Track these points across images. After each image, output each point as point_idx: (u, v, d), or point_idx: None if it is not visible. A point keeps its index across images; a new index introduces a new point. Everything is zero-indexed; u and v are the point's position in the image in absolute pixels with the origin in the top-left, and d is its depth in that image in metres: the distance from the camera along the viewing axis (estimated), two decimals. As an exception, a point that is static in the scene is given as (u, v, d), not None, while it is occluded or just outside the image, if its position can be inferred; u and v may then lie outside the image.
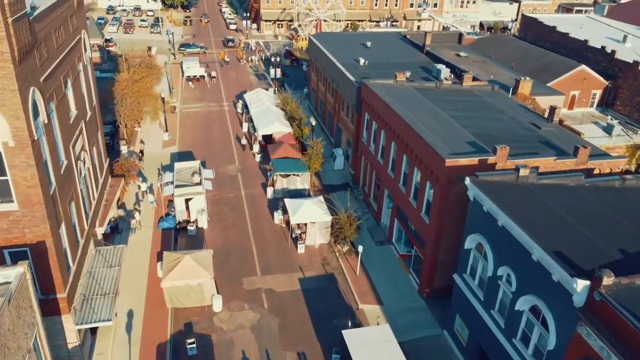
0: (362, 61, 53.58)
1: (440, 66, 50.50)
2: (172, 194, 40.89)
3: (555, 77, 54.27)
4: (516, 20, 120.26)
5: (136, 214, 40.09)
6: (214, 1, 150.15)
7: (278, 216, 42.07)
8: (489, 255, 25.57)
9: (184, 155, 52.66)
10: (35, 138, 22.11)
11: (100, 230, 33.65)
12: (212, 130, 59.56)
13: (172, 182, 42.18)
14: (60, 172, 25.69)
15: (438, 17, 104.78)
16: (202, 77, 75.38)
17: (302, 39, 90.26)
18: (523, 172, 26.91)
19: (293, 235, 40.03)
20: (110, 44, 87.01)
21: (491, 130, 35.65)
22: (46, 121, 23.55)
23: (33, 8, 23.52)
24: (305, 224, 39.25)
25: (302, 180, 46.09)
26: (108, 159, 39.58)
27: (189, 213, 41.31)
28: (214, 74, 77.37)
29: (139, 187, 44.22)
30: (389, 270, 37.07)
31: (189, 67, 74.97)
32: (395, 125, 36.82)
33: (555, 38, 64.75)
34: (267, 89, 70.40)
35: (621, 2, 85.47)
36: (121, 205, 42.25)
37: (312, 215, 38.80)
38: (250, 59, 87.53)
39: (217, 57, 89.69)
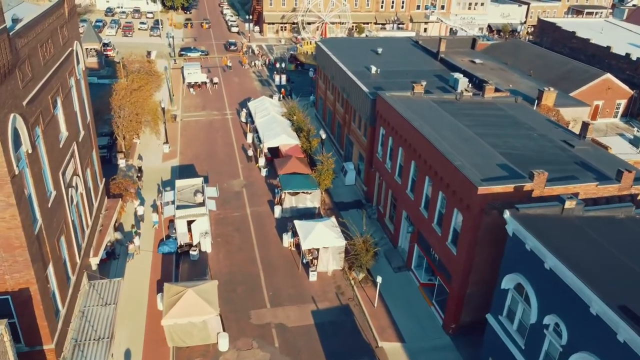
0: (373, 69, 50.61)
1: (457, 75, 47.55)
2: (173, 215, 37.93)
3: (578, 87, 51.33)
4: (525, 22, 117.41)
5: (135, 239, 37.10)
6: (214, 2, 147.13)
7: (287, 239, 39.09)
8: (532, 299, 22.59)
9: (186, 170, 49.70)
10: (17, 172, 19.14)
11: (94, 261, 30.69)
12: (215, 141, 56.56)
13: (173, 202, 39.21)
14: (48, 205, 22.71)
15: (446, 19, 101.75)
16: (204, 83, 72.35)
17: (307, 42, 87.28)
18: (569, 203, 23.92)
19: (304, 261, 37.06)
20: (108, 48, 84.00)
21: (521, 150, 32.68)
22: (30, 151, 20.56)
23: (15, 21, 20.55)
24: (317, 249, 36.28)
25: (312, 199, 43.12)
26: (104, 179, 36.53)
27: (191, 236, 38.34)
28: (215, 79, 74.33)
29: (136, 210, 40.87)
30: (409, 301, 34.09)
31: (190, 73, 71.96)
32: (416, 144, 33.83)
33: (575, 44, 61.80)
34: (271, 96, 67.51)
35: None
36: (118, 227, 39.26)
37: (324, 240, 35.82)
38: (253, 64, 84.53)
39: (219, 61, 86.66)
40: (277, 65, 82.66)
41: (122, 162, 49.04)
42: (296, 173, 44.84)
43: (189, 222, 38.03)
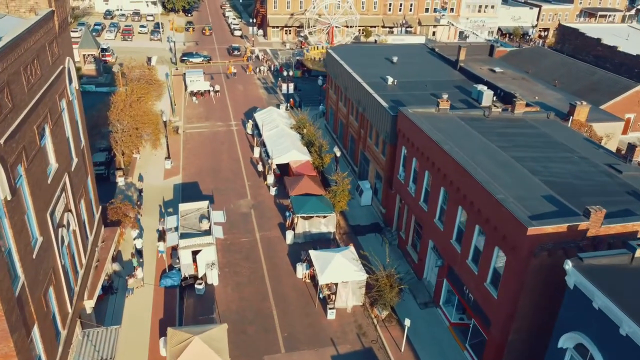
0: (390, 80, 47.27)
1: (481, 87, 44.22)
2: (177, 244, 34.58)
3: (609, 99, 48.01)
4: (536, 26, 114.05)
5: (138, 272, 33.70)
6: (216, 4, 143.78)
7: (301, 270, 35.72)
8: (601, 366, 19.26)
9: (189, 188, 46.33)
10: (-9, 227, 15.78)
11: (89, 304, 27.30)
12: (220, 155, 53.17)
13: (176, 229, 35.86)
14: (33, 256, 19.35)
15: (457, 23, 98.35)
16: (207, 91, 68.94)
17: (314, 47, 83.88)
18: (640, 252, 20.59)
19: (320, 296, 33.69)
20: (107, 53, 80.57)
21: (564, 177, 29.33)
22: (9, 197, 17.20)
23: (-9, 42, 17.19)
24: (336, 284, 32.93)
25: (326, 223, 39.78)
26: (100, 207, 33.14)
27: (196, 267, 34.97)
28: (218, 87, 70.86)
29: (135, 246, 37.15)
30: (438, 343, 30.73)
31: (192, 81, 68.54)
32: (446, 169, 30.47)
33: (601, 51, 58.47)
34: (278, 105, 64.18)
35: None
36: (117, 256, 35.91)
37: (343, 274, 32.48)
38: (258, 70, 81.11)
39: (222, 67, 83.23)
40: (284, 72, 79.29)
41: (120, 180, 45.73)
42: (309, 194, 41.49)
43: (194, 252, 34.68)
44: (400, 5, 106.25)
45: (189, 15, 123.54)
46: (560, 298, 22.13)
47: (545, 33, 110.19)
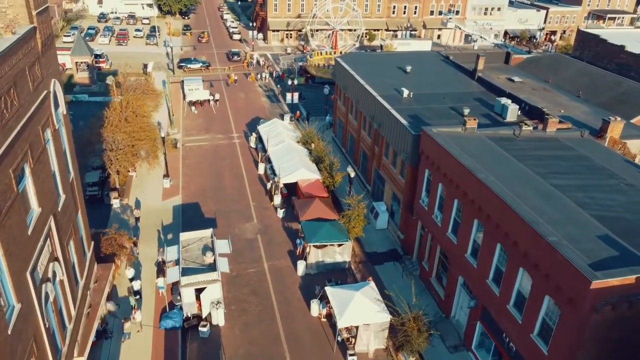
0: (405, 92, 43.94)
1: (504, 101, 40.95)
2: (178, 281, 31.13)
3: (639, 112, 44.79)
4: (543, 29, 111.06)
5: (137, 314, 30.24)
6: (214, 6, 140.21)
7: (316, 307, 32.33)
8: None
9: (190, 210, 42.90)
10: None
11: (79, 361, 23.83)
12: (222, 172, 49.71)
13: (177, 261, 32.41)
14: (8, 331, 15.89)
15: (464, 27, 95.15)
16: (207, 100, 65.40)
17: (317, 53, 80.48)
18: None
19: (339, 339, 30.32)
20: (101, 60, 76.96)
21: (616, 210, 26.07)
22: (-25, 269, 13.74)
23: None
24: (356, 327, 29.59)
25: (341, 251, 36.42)
26: (92, 243, 29.65)
27: (199, 305, 31.55)
28: (217, 96, 67.31)
29: (131, 286, 33.51)
30: (473, 396, 27.45)
31: (191, 90, 65.02)
32: (482, 201, 27.15)
33: (624, 59, 55.32)
34: (282, 116, 60.92)
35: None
36: (111, 293, 32.42)
37: (365, 315, 29.15)
38: (259, 76, 77.60)
39: (221, 74, 79.73)
40: (286, 78, 75.82)
41: (116, 202, 42.30)
42: (320, 219, 38.15)
43: (198, 289, 31.25)
44: (405, 7, 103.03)
45: (186, 18, 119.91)
46: (624, 355, 19.00)
47: (554, 37, 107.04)
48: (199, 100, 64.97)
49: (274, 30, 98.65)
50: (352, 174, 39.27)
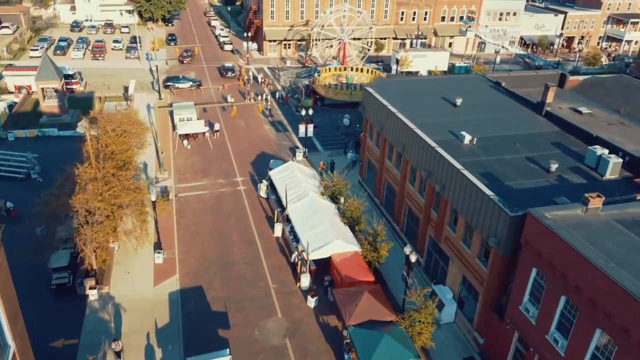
0: (466, 137, 34.20)
1: (600, 151, 31.56)
2: None
3: None
4: (562, 35, 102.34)
5: None
6: (199, 11, 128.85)
7: None
8: None
9: (191, 300, 32.59)
10: None
11: None
12: (229, 236, 39.33)
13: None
14: None
15: (485, 35, 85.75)
16: (202, 133, 54.72)
17: (325, 69, 70.20)
18: None
19: None
20: (73, 81, 65.72)
21: None
22: None
23: None
24: None
25: (408, 373, 26.46)
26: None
27: None
28: (217, 126, 56.70)
29: None
30: None
31: (183, 120, 54.20)
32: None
33: None
34: (293, 150, 51.01)
35: None
36: None
37: None
38: (260, 98, 67.05)
39: (214, 93, 69.03)
40: (292, 101, 65.60)
41: (92, 293, 31.76)
42: (373, 321, 28.15)
43: None
44: (414, 14, 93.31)
45: (170, 25, 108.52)
46: None
47: (582, 45, 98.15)
48: (193, 134, 54.26)
49: (270, 41, 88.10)
50: (413, 258, 29.17)
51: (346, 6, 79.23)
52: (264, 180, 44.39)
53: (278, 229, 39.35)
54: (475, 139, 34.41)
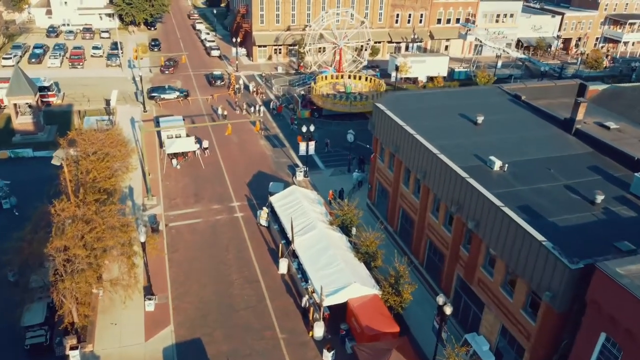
0: (496, 164, 30.42)
1: (649, 180, 28.02)
2: None
3: None
4: (560, 37, 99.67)
5: None
6: (182, 14, 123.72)
7: None
8: None
9: (188, 353, 28.38)
10: None
11: None
12: (228, 274, 35.01)
13: None
14: None
15: (486, 39, 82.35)
16: (193, 151, 50.20)
17: (322, 77, 66.04)
18: None
19: None
20: (49, 93, 60.68)
21: None
22: None
23: None
24: None
25: None
26: None
27: None
28: (207, 143, 52.18)
29: None
30: None
31: (171, 138, 49.59)
32: None
33: None
34: (293, 170, 47.06)
35: None
36: None
37: None
38: (253, 110, 62.74)
39: (203, 104, 64.52)
40: (288, 112, 61.43)
41: (74, 354, 27.26)
42: (405, 385, 24.21)
43: None
44: (409, 16, 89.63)
45: (152, 29, 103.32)
46: None
47: (583, 48, 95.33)
48: (183, 153, 49.69)
49: (260, 46, 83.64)
50: (448, 310, 25.22)
51: (350, 11, 75.07)
52: (264, 208, 40.12)
53: (283, 265, 35.17)
54: (507, 165, 30.67)
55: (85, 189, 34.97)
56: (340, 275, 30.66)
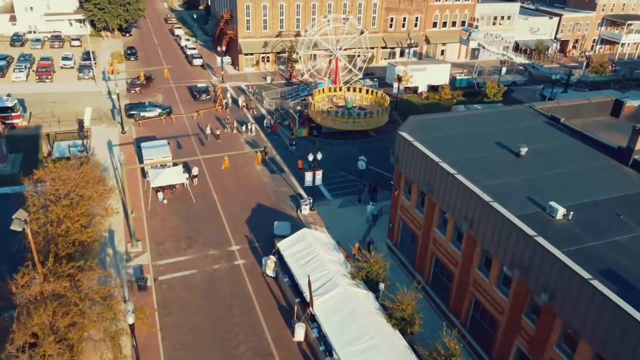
0: (559, 211, 25.26)
1: None
2: None
3: None
4: (558, 39, 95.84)
5: None
6: (159, 17, 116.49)
7: None
8: None
9: None
10: None
11: None
12: (235, 346, 29.02)
13: None
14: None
15: (491, 46, 77.63)
16: (181, 183, 43.98)
17: (319, 91, 60.26)
18: None
19: None
20: (13, 114, 53.62)
21: None
22: None
23: None
24: None
25: None
26: None
27: None
28: (195, 170, 46.04)
29: None
30: None
31: (156, 169, 43.19)
32: None
33: None
34: (296, 200, 41.45)
35: None
36: None
37: None
38: (244, 128, 56.74)
39: (188, 121, 58.18)
40: (284, 130, 55.56)
41: None
42: None
43: None
44: (404, 20, 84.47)
45: (127, 35, 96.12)
46: None
47: (589, 53, 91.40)
48: (170, 185, 43.39)
49: (246, 54, 77.44)
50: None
51: (350, 18, 69.33)
52: (270, 256, 34.27)
53: (300, 331, 29.44)
54: (571, 212, 25.52)
55: (56, 243, 28.95)
56: (375, 352, 25.12)
